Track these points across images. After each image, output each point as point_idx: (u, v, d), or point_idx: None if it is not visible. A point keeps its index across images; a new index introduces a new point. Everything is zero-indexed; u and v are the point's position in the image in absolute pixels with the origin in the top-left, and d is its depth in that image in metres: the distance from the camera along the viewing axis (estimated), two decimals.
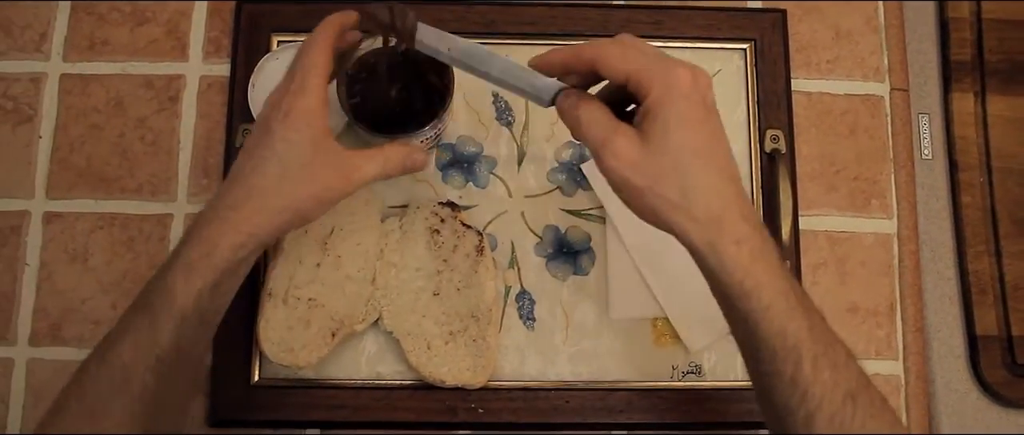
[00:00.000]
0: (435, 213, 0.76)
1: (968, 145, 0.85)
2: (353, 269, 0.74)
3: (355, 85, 0.72)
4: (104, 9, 0.83)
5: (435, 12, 0.81)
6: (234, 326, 0.74)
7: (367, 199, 0.76)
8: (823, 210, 0.82)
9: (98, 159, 0.80)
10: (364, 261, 0.75)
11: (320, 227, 0.74)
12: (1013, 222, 0.84)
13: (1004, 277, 0.83)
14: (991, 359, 0.81)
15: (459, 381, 0.74)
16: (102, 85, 0.81)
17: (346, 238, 0.74)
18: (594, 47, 0.58)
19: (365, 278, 0.74)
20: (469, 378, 0.74)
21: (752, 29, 0.83)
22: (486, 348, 0.74)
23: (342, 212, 0.74)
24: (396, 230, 0.76)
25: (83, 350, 0.76)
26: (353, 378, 0.76)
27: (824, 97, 0.84)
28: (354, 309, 0.74)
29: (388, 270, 0.75)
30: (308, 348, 0.72)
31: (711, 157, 0.56)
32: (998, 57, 0.87)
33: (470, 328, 0.75)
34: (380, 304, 0.75)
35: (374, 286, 0.75)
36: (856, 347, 0.79)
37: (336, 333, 0.73)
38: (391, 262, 0.75)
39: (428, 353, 0.74)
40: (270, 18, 0.81)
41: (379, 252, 0.76)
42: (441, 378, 0.74)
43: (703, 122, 0.56)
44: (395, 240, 0.76)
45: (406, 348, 0.74)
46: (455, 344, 0.75)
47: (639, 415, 0.76)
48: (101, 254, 0.79)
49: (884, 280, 0.81)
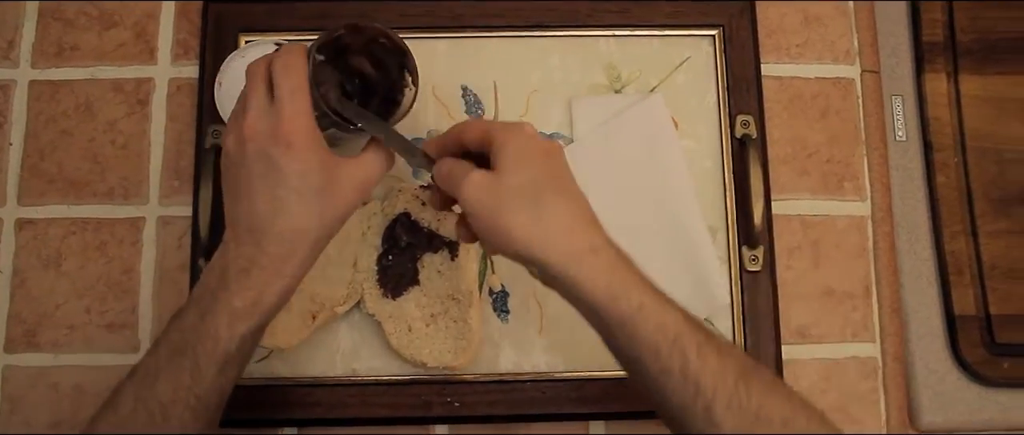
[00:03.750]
0: (416, 196, 0.77)
1: (942, 126, 0.85)
2: (333, 252, 0.73)
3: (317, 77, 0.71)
4: (72, 13, 0.83)
5: (401, 8, 0.81)
6: None
7: None
8: (796, 194, 0.82)
9: (69, 164, 0.80)
10: (345, 244, 0.75)
11: None
12: (988, 201, 0.84)
13: (981, 256, 0.83)
14: (969, 339, 0.81)
15: (441, 363, 0.74)
16: (71, 90, 0.81)
17: None
18: (455, 126, 0.64)
19: (346, 261, 0.75)
20: (450, 360, 0.74)
21: (720, 15, 0.83)
22: (467, 330, 0.74)
23: None
24: (378, 214, 0.77)
25: (59, 355, 0.77)
26: (328, 375, 0.76)
27: (794, 81, 0.84)
28: (335, 292, 0.74)
29: (370, 253, 0.75)
30: (289, 331, 0.73)
31: (556, 181, 0.60)
32: (970, 37, 0.87)
33: (451, 310, 0.75)
34: (362, 287, 0.75)
35: (355, 269, 0.75)
36: (832, 330, 0.80)
37: (317, 316, 0.74)
38: (373, 245, 0.76)
39: (409, 335, 0.74)
40: (237, 18, 0.81)
41: (361, 235, 0.76)
42: (422, 360, 0.74)
43: (546, 156, 0.60)
44: (377, 223, 0.76)
45: (387, 331, 0.74)
46: (436, 326, 0.75)
47: (615, 405, 0.76)
48: (74, 259, 0.79)
49: (859, 262, 0.81)
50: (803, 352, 0.79)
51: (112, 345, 0.78)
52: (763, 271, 0.79)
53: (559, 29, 0.82)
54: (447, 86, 0.81)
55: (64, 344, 0.77)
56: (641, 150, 0.80)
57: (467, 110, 0.81)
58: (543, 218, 0.58)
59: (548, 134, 0.81)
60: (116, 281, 0.78)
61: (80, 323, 0.78)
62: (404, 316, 0.75)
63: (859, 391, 0.79)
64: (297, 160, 0.58)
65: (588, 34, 0.82)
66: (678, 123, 0.81)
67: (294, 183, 0.58)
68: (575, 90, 0.82)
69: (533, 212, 0.58)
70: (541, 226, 0.58)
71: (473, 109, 0.81)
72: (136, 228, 0.79)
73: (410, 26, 0.80)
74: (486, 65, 0.82)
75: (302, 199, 0.59)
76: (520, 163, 0.59)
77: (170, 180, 0.80)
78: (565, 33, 0.82)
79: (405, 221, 0.76)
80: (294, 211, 0.59)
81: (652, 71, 0.82)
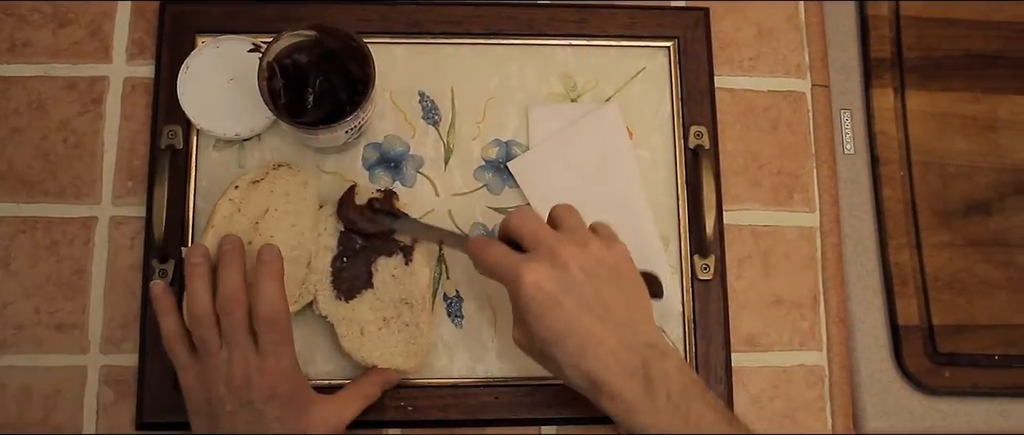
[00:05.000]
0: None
1: (888, 140, 0.87)
2: (287, 249, 0.73)
3: (277, 79, 0.72)
4: (25, 10, 0.82)
5: (359, 12, 0.81)
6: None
7: (305, 181, 0.76)
8: (747, 205, 0.83)
9: (20, 162, 0.79)
10: (298, 242, 0.74)
11: (253, 208, 0.74)
12: (933, 214, 0.86)
13: (924, 268, 0.85)
14: (913, 348, 0.83)
15: (391, 366, 0.74)
16: (24, 87, 0.80)
17: (281, 219, 0.74)
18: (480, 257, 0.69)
19: (299, 259, 0.74)
20: (401, 363, 0.74)
21: (675, 27, 0.84)
22: (419, 334, 0.75)
23: (277, 193, 0.74)
24: (334, 216, 0.76)
25: (6, 355, 0.76)
26: None
27: (747, 93, 0.86)
28: (288, 290, 0.73)
29: (324, 254, 0.75)
30: None
31: (569, 337, 0.63)
32: (916, 54, 0.89)
33: (403, 314, 0.75)
34: (315, 288, 0.75)
35: (309, 269, 0.75)
36: (781, 338, 0.81)
37: None
38: (327, 246, 0.75)
39: (361, 338, 0.74)
40: (194, 19, 0.81)
41: (315, 236, 0.75)
42: (373, 363, 0.74)
43: (552, 309, 0.63)
44: (332, 225, 0.76)
45: (340, 333, 0.74)
46: (388, 330, 0.75)
47: (568, 410, 0.77)
48: (24, 258, 0.78)
49: (808, 272, 0.83)
50: (752, 360, 0.81)
51: (61, 346, 0.76)
52: (714, 280, 0.80)
53: (517, 37, 0.83)
54: (405, 92, 0.82)
55: (12, 344, 0.76)
56: (596, 159, 0.81)
57: (424, 116, 0.81)
58: (567, 374, 0.64)
59: (504, 141, 0.81)
60: (66, 281, 0.77)
61: (29, 323, 0.77)
62: (357, 319, 0.75)
63: (806, 398, 0.80)
64: (278, 407, 0.67)
65: (545, 43, 0.83)
66: (633, 133, 0.82)
67: (274, 427, 0.67)
68: (532, 98, 0.82)
69: (558, 369, 0.64)
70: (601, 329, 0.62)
71: (430, 116, 0.81)
72: (88, 228, 0.79)
73: (368, 31, 0.80)
74: (444, 71, 0.82)
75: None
76: (535, 327, 0.64)
77: (123, 180, 0.79)
78: (523, 41, 0.83)
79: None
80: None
81: (608, 81, 0.83)
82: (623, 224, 0.79)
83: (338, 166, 0.79)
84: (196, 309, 0.67)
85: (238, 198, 0.73)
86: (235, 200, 0.73)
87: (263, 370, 0.66)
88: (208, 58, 0.79)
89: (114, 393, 0.76)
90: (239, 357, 0.66)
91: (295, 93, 0.73)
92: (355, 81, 0.73)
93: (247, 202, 0.73)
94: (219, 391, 0.67)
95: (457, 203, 0.80)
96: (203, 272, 0.68)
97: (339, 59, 0.73)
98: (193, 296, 0.68)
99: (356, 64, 0.72)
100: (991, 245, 0.86)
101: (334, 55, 0.73)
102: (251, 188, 0.74)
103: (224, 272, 0.68)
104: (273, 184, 0.74)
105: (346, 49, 0.72)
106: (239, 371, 0.66)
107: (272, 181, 0.75)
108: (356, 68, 0.73)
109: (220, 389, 0.67)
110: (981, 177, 0.88)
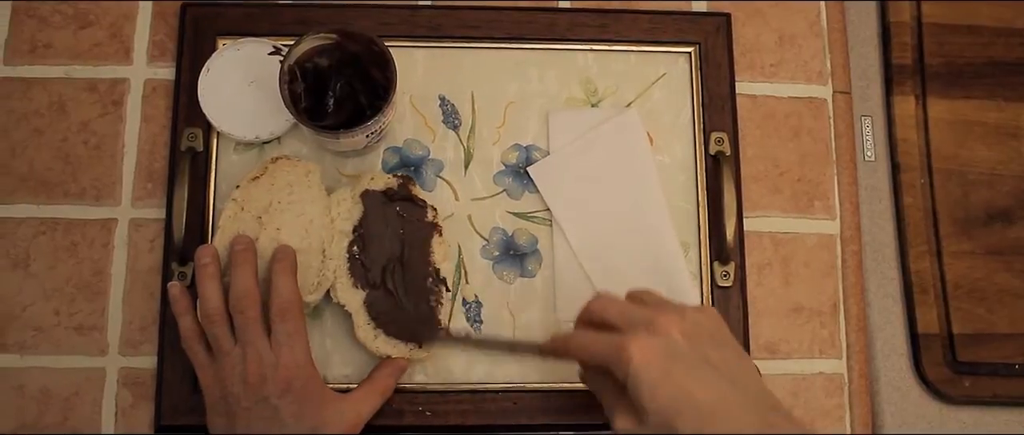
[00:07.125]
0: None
1: (910, 147, 0.87)
2: (296, 240, 0.73)
3: (297, 82, 0.72)
4: (46, 12, 0.82)
5: (380, 15, 0.81)
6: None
7: (307, 170, 0.76)
8: (767, 211, 0.83)
9: (40, 164, 0.79)
10: (307, 231, 0.74)
11: (255, 204, 0.74)
12: (953, 222, 0.86)
13: (945, 276, 0.84)
14: (932, 357, 0.82)
15: (404, 354, 0.74)
16: (45, 89, 0.81)
17: (285, 210, 0.74)
18: (567, 347, 0.66)
19: (311, 248, 0.74)
20: (415, 352, 0.74)
21: (696, 33, 0.84)
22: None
23: (278, 186, 0.74)
24: (347, 200, 0.76)
25: (25, 357, 0.76)
26: None
27: (768, 100, 0.85)
28: (303, 280, 0.73)
29: (340, 240, 0.75)
30: None
31: (687, 404, 0.58)
32: (938, 61, 0.89)
33: None
34: (331, 276, 0.75)
35: (325, 257, 0.75)
36: (800, 346, 0.81)
37: None
38: (342, 231, 0.75)
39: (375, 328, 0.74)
40: (215, 21, 0.81)
41: (328, 222, 0.75)
42: (387, 352, 0.74)
43: (666, 378, 0.59)
44: (346, 209, 0.76)
45: (356, 323, 0.74)
46: None
47: (587, 416, 0.77)
48: (43, 260, 0.78)
49: (827, 280, 0.82)
50: (772, 367, 0.80)
51: (80, 348, 0.77)
52: (734, 287, 0.80)
53: (538, 42, 0.83)
54: (425, 96, 0.81)
55: (31, 346, 0.76)
56: (616, 164, 0.81)
57: (444, 120, 0.81)
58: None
59: (524, 146, 0.81)
60: (86, 283, 0.77)
61: (48, 325, 0.77)
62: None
63: (825, 407, 0.80)
64: (294, 402, 0.67)
65: (566, 47, 0.83)
66: (653, 138, 0.82)
67: (290, 423, 0.67)
68: (552, 103, 0.82)
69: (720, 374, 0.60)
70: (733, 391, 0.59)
71: (450, 120, 0.81)
72: (107, 230, 0.79)
73: (389, 34, 0.80)
74: (464, 76, 0.82)
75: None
76: (649, 405, 0.59)
77: (143, 182, 0.80)
78: (543, 46, 0.83)
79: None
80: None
81: (628, 86, 0.83)
82: (643, 230, 0.79)
83: (358, 169, 0.79)
84: (207, 308, 0.69)
85: (240, 197, 0.74)
86: (238, 199, 0.74)
87: (277, 364, 0.67)
88: (229, 61, 0.79)
89: (132, 395, 0.76)
90: (253, 354, 0.67)
91: (316, 97, 0.73)
92: (376, 85, 0.73)
93: (249, 199, 0.74)
94: (234, 388, 0.67)
95: (476, 208, 0.80)
96: (213, 272, 0.70)
97: (360, 63, 0.73)
98: (204, 295, 0.69)
99: (377, 68, 0.72)
100: (1012, 254, 0.86)
101: (355, 59, 0.73)
102: (251, 185, 0.74)
103: (236, 271, 0.69)
104: (273, 178, 0.75)
105: (367, 53, 0.72)
106: (253, 367, 0.67)
107: (272, 175, 0.75)
108: (377, 72, 0.73)
109: (235, 386, 0.67)
110: (1002, 185, 0.87)
